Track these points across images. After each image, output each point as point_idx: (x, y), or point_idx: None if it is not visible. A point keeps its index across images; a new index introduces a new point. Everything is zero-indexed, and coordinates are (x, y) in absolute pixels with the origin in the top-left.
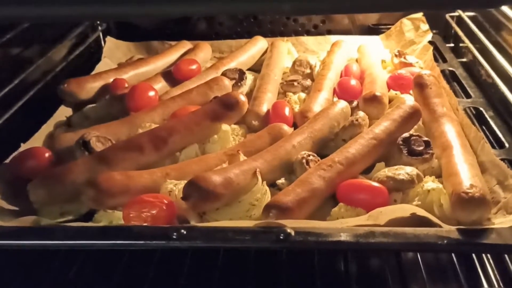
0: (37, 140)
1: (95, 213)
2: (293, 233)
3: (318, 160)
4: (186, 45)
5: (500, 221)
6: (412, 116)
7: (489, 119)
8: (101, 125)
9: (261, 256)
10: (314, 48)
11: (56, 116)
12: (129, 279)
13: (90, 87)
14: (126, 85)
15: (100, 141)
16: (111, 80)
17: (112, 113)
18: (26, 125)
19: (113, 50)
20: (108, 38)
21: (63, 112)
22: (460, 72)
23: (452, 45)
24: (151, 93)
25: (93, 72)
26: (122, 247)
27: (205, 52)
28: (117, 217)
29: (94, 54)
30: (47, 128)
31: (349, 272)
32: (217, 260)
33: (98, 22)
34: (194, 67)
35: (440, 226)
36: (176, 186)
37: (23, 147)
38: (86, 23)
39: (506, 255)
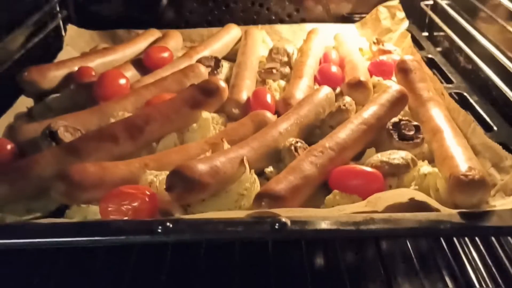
0: None
1: (66, 209)
2: (289, 223)
3: (307, 147)
4: (155, 33)
5: (500, 203)
6: (399, 101)
7: (474, 104)
8: (68, 115)
9: (246, 248)
10: (289, 36)
11: (16, 107)
12: (106, 277)
13: (53, 75)
14: (93, 74)
15: (68, 131)
16: (76, 68)
17: (78, 103)
18: None
19: (75, 38)
20: (70, 26)
21: (24, 103)
22: (439, 58)
23: (426, 34)
24: (122, 81)
25: (56, 61)
26: (102, 244)
27: (175, 40)
28: (92, 212)
29: (54, 43)
30: (6, 119)
31: (338, 261)
32: (199, 253)
33: (58, 8)
34: (165, 54)
35: (439, 211)
36: (157, 177)
37: None
38: (44, 9)
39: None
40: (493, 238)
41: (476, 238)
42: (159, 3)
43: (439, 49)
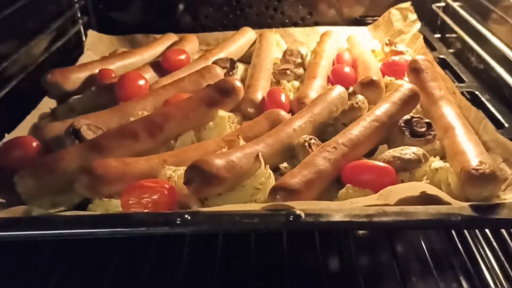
0: (21, 131)
1: (89, 204)
2: (303, 215)
3: (320, 144)
4: (172, 37)
5: (511, 197)
6: (411, 99)
7: (485, 102)
8: (90, 114)
9: (261, 241)
10: (302, 39)
11: (39, 108)
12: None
13: (75, 77)
14: (113, 75)
15: (91, 129)
16: (97, 70)
17: (99, 104)
18: (7, 118)
19: (96, 43)
20: (90, 32)
21: (47, 104)
22: (450, 59)
23: (438, 35)
24: (141, 82)
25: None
26: (123, 235)
27: (192, 44)
28: (113, 206)
29: (75, 49)
30: (31, 119)
31: (352, 253)
32: (216, 245)
33: (79, 15)
34: (183, 57)
35: (450, 204)
36: (175, 172)
37: (8, 137)
38: (66, 15)
39: None
40: (505, 235)
41: (489, 235)
42: (176, 8)
43: (451, 50)
